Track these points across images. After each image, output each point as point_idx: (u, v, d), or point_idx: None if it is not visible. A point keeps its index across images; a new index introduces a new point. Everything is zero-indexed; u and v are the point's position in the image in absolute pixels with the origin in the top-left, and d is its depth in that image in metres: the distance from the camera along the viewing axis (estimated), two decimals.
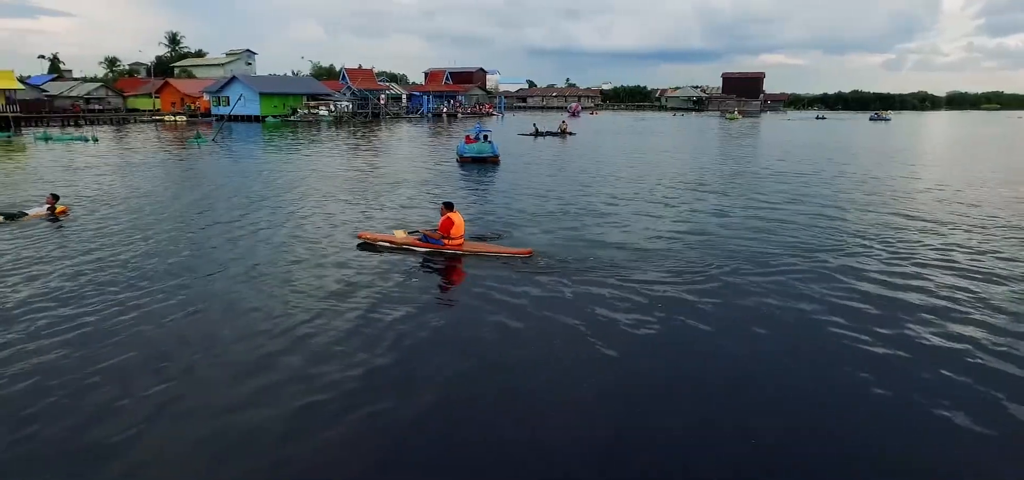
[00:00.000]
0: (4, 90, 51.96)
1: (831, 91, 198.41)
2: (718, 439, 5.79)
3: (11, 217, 15.13)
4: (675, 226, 14.95)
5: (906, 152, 39.54)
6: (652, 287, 9.95)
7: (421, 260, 11.51)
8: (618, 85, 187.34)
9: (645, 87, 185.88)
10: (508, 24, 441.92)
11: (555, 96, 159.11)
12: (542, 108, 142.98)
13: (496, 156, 28.54)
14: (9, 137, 42.85)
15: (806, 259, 11.84)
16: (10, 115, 49.95)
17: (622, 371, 7.16)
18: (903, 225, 15.27)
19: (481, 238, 13.13)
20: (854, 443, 5.71)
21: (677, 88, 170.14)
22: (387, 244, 12.45)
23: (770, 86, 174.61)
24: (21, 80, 66.22)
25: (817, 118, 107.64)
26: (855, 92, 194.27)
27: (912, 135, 61.47)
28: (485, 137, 29.11)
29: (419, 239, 12.12)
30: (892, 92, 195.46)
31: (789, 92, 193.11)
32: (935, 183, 23.35)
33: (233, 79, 72.91)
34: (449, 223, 11.70)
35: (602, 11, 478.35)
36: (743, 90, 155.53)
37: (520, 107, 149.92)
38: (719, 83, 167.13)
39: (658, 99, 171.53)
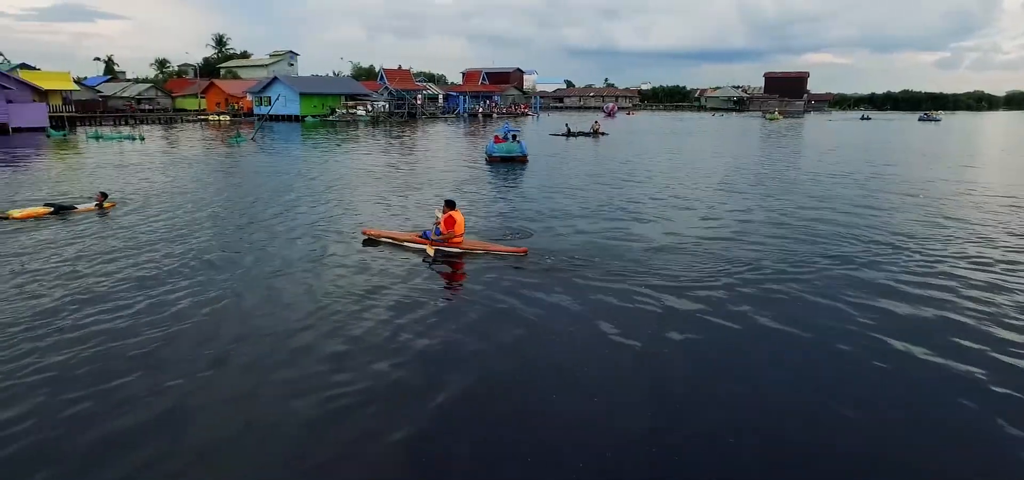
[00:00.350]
0: (61, 91, 54.77)
1: (879, 91, 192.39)
2: (722, 442, 5.83)
3: (62, 210, 16.08)
4: (691, 227, 14.85)
5: (951, 154, 38.17)
6: (653, 287, 9.97)
7: (422, 256, 11.79)
8: (657, 85, 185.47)
9: (684, 87, 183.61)
10: (547, 24, 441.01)
11: (592, 96, 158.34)
12: (579, 108, 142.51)
13: (524, 156, 28.76)
14: (65, 135, 45.19)
15: (809, 264, 11.68)
16: (65, 115, 52.50)
17: (613, 369, 7.25)
18: (926, 229, 14.89)
19: (483, 235, 13.35)
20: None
21: (717, 88, 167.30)
22: (389, 240, 12.79)
23: (815, 86, 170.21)
24: (77, 81, 69.57)
25: (862, 119, 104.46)
26: (905, 92, 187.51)
27: (962, 136, 59.15)
28: (514, 137, 29.36)
29: (420, 236, 12.39)
30: (945, 92, 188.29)
31: (835, 92, 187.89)
32: (978, 186, 22.56)
33: (274, 80, 74.97)
34: (451, 221, 11.95)
35: (642, 11, 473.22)
36: (786, 90, 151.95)
37: (557, 107, 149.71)
38: (761, 83, 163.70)
39: (697, 99, 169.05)
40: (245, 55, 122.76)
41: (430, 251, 11.78)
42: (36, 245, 12.58)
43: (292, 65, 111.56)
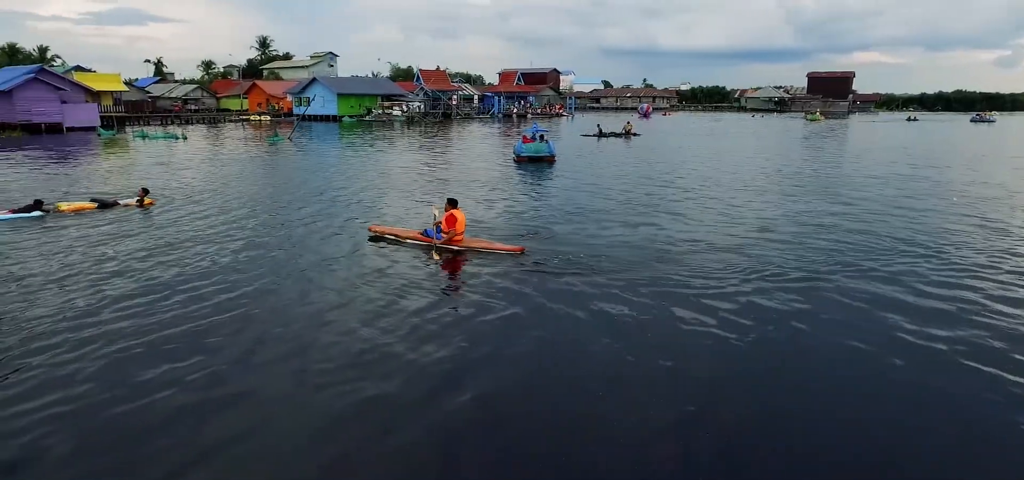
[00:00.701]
0: (111, 92, 57.30)
1: (930, 91, 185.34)
2: (737, 444, 5.85)
3: (106, 205, 16.94)
4: (706, 228, 14.75)
5: (1000, 156, 36.67)
6: (652, 286, 10.02)
7: (424, 252, 12.09)
8: (696, 86, 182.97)
9: (723, 88, 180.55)
10: (586, 24, 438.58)
11: (629, 97, 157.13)
12: (616, 109, 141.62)
13: (552, 156, 28.93)
14: (114, 134, 47.30)
15: (815, 268, 11.52)
16: (114, 115, 54.85)
17: (604, 367, 7.38)
18: (953, 236, 14.47)
19: (490, 234, 13.58)
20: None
21: (758, 88, 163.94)
22: (394, 237, 13.13)
23: (862, 86, 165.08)
24: (128, 83, 72.57)
25: (908, 120, 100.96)
26: (958, 92, 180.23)
27: (1018, 139, 56.67)
28: (541, 137, 29.59)
29: (423, 233, 12.68)
30: (1003, 92, 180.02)
31: (883, 92, 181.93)
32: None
33: (313, 81, 76.74)
34: (452, 220, 12.21)
35: (683, 10, 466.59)
36: (830, 90, 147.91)
37: (593, 108, 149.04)
38: (804, 83, 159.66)
39: (737, 100, 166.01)
40: (287, 57, 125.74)
41: (435, 256, 11.99)
42: (80, 238, 13.31)
43: (332, 66, 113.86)
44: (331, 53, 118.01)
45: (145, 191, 17.87)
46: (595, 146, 40.79)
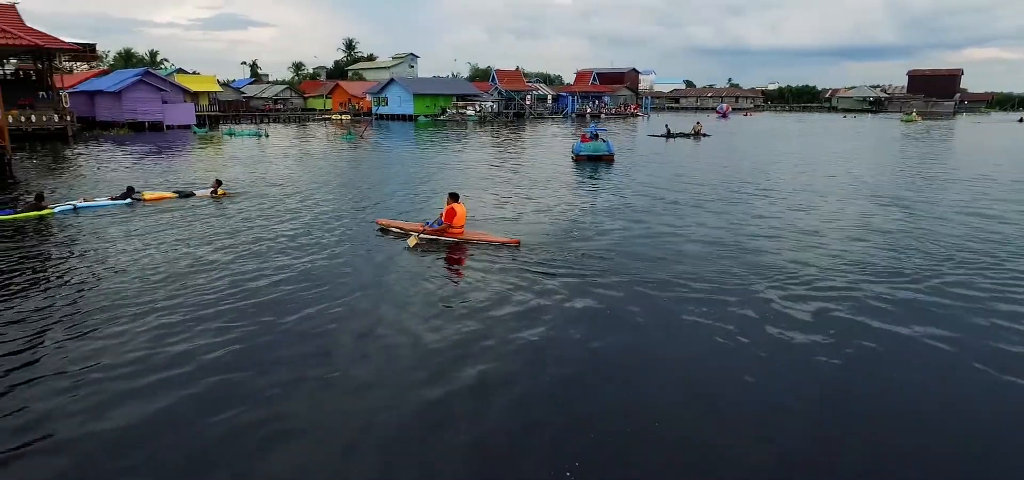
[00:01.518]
0: (208, 92, 62.00)
1: None
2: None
3: (183, 195, 18.57)
4: (742, 231, 14.40)
5: None
6: (648, 286, 9.97)
7: (427, 245, 12.52)
8: (784, 85, 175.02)
9: (813, 87, 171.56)
10: (670, 23, 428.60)
11: (710, 97, 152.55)
12: (695, 109, 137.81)
13: (611, 154, 28.82)
14: (206, 131, 51.24)
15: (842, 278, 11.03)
16: (208, 114, 59.22)
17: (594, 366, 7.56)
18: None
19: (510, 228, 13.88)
20: None
21: (851, 88, 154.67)
22: (399, 230, 13.68)
23: (973, 84, 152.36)
24: (225, 84, 78.07)
25: (1020, 121, 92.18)
26: None
27: None
28: (596, 136, 29.57)
29: (425, 225, 13.12)
30: None
31: (998, 91, 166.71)
32: None
33: (391, 81, 79.58)
34: (452, 213, 12.61)
35: (772, 7, 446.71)
36: (933, 89, 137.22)
37: (672, 108, 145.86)
38: (904, 82, 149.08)
39: (828, 100, 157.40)
40: (371, 58, 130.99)
41: (412, 241, 12.54)
42: (158, 224, 14.67)
43: (412, 67, 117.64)
44: (412, 54, 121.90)
45: (219, 183, 19.37)
46: (662, 147, 40.13)
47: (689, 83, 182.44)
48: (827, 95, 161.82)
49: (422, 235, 12.94)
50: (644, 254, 11.97)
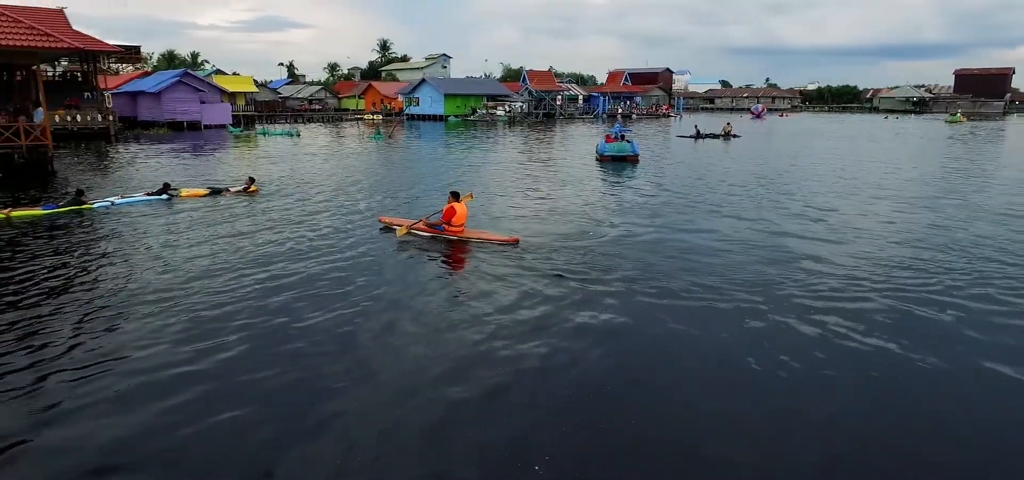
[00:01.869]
0: (244, 93, 63.71)
1: None
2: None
3: (216, 192, 19.24)
4: (751, 235, 14.29)
5: None
6: (656, 287, 10.02)
7: (428, 242, 12.82)
8: (823, 85, 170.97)
9: (854, 87, 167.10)
10: (706, 22, 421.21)
11: (745, 97, 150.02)
12: (730, 110, 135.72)
13: (635, 155, 28.74)
14: (241, 131, 52.72)
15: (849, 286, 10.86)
16: (243, 114, 60.80)
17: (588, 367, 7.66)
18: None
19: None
20: None
21: (894, 88, 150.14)
22: (398, 227, 13.86)
23: None
24: (263, 84, 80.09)
25: None
26: None
27: None
28: (623, 136, 29.53)
29: (426, 224, 13.37)
30: None
31: None
32: None
33: (422, 82, 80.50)
34: (452, 211, 12.83)
35: (814, 5, 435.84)
36: (981, 89, 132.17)
37: (706, 108, 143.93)
38: (951, 82, 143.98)
39: (870, 100, 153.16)
40: (404, 59, 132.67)
41: (400, 232, 13.10)
42: (190, 219, 15.29)
43: (445, 68, 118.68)
44: (445, 55, 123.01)
45: (251, 180, 20.01)
46: (690, 147, 39.77)
47: (725, 83, 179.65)
48: (868, 95, 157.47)
49: (419, 230, 13.31)
50: (654, 255, 12.00)
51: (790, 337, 8.02)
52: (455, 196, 13.32)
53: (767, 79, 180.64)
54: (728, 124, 50.13)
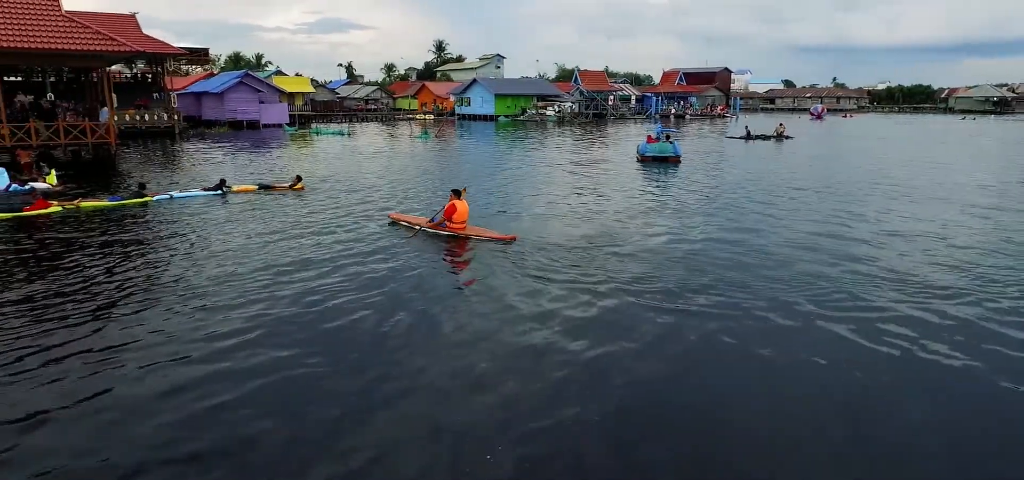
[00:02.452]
0: (302, 93, 66.15)
1: None
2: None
3: (265, 188, 20.22)
4: (775, 238, 13.99)
5: None
6: (633, 286, 10.00)
7: (430, 238, 13.16)
8: (894, 85, 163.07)
9: (928, 86, 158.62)
10: (771, 20, 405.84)
11: (808, 97, 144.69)
12: (792, 110, 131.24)
13: (677, 156, 28.40)
14: (296, 130, 54.82)
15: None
16: (298, 114, 62.92)
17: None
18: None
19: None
20: None
21: (972, 87, 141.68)
22: (407, 223, 14.35)
23: None
24: (322, 84, 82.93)
25: None
26: None
27: None
28: (667, 137, 29.23)
29: (429, 220, 13.76)
30: None
31: None
32: None
33: (474, 82, 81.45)
34: (452, 208, 13.14)
35: (888, 1, 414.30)
36: None
37: (766, 109, 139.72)
38: None
39: (944, 100, 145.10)
40: (459, 59, 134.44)
41: (414, 230, 13.62)
42: (240, 213, 16.19)
43: (499, 68, 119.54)
44: (498, 55, 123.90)
45: (298, 178, 20.93)
46: (739, 149, 38.87)
47: (788, 83, 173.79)
48: (943, 95, 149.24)
49: (425, 228, 13.75)
50: (672, 259, 11.99)
51: (826, 342, 7.96)
52: (457, 193, 13.65)
53: (834, 79, 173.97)
54: (781, 125, 48.66)
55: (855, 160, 32.34)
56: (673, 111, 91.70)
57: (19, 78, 35.05)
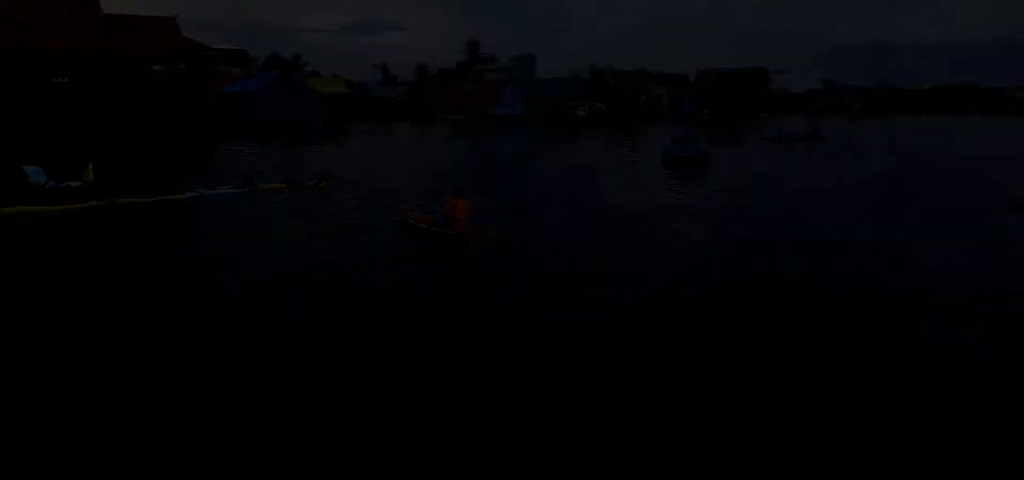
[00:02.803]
0: (335, 93, 67.25)
1: None
2: None
3: (291, 185, 20.74)
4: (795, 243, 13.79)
5: None
6: (625, 293, 10.08)
7: (432, 236, 13.39)
8: (940, 83, 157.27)
9: (978, 84, 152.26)
10: (813, 18, 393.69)
11: (849, 97, 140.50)
12: (833, 110, 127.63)
13: (702, 157, 28.18)
14: (328, 130, 55.63)
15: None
16: (332, 114, 63.72)
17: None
18: None
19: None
20: None
21: None
22: (413, 222, 14.55)
23: None
24: (355, 84, 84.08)
25: None
26: None
27: None
28: (693, 138, 29.00)
29: (433, 219, 13.95)
30: None
31: None
32: None
33: (504, 83, 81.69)
34: (453, 207, 13.34)
35: None
36: None
37: (803, 109, 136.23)
38: None
39: (993, 99, 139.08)
40: (492, 59, 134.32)
41: (421, 225, 13.88)
42: (265, 211, 16.88)
43: (531, 68, 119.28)
44: (530, 55, 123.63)
45: (322, 176, 21.40)
46: (768, 150, 38.15)
47: (829, 82, 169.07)
48: (1008, 93, 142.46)
49: (430, 227, 14.00)
50: (680, 261, 12.01)
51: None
52: (458, 192, 13.85)
53: (878, 78, 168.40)
54: (814, 125, 47.54)
55: (893, 163, 31.45)
56: (706, 111, 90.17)
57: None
